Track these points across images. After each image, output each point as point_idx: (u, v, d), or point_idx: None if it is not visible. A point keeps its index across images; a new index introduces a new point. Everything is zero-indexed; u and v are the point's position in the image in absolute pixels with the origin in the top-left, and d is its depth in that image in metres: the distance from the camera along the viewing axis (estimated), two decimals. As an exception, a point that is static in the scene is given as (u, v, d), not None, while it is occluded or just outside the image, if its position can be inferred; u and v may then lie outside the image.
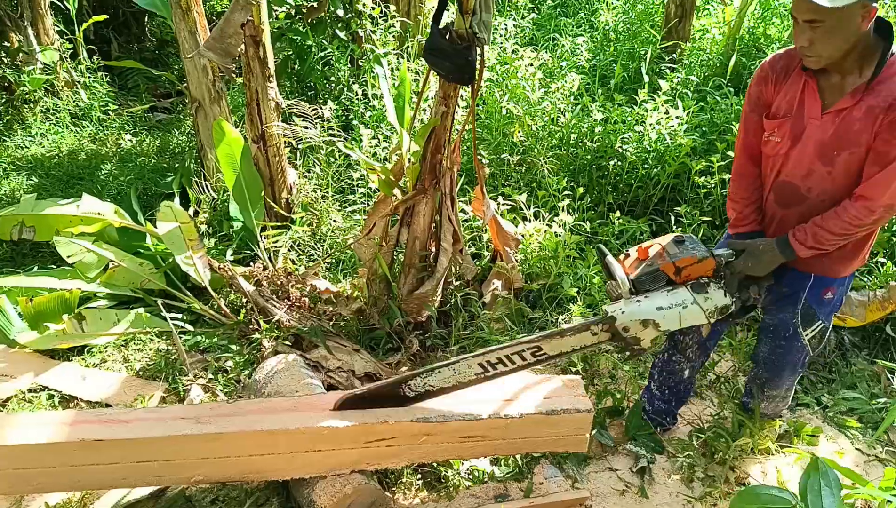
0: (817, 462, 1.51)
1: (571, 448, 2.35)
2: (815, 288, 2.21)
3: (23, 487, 2.13)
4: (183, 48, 3.91)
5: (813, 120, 1.98)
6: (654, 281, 2.05)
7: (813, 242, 2.01)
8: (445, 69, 2.52)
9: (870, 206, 1.91)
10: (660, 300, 2.03)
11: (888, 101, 1.83)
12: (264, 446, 2.09)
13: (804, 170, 2.03)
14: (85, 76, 5.78)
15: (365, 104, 4.63)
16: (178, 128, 5.71)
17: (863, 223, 1.94)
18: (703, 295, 2.02)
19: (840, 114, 1.92)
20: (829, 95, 1.95)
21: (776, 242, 2.08)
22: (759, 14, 5.50)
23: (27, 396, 2.78)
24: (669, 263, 2.02)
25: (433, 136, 2.75)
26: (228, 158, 3.61)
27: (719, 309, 2.04)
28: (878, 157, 1.88)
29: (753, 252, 2.09)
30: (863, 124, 1.88)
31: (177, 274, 3.35)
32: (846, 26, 1.76)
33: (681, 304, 2.02)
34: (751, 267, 2.09)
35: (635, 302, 2.04)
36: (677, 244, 2.06)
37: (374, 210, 3.14)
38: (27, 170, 4.77)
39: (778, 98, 2.05)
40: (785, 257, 2.07)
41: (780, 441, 2.71)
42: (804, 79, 1.98)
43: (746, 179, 2.24)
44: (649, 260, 2.05)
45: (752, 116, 2.16)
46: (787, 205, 2.13)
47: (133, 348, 3.10)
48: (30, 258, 3.73)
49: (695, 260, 2.02)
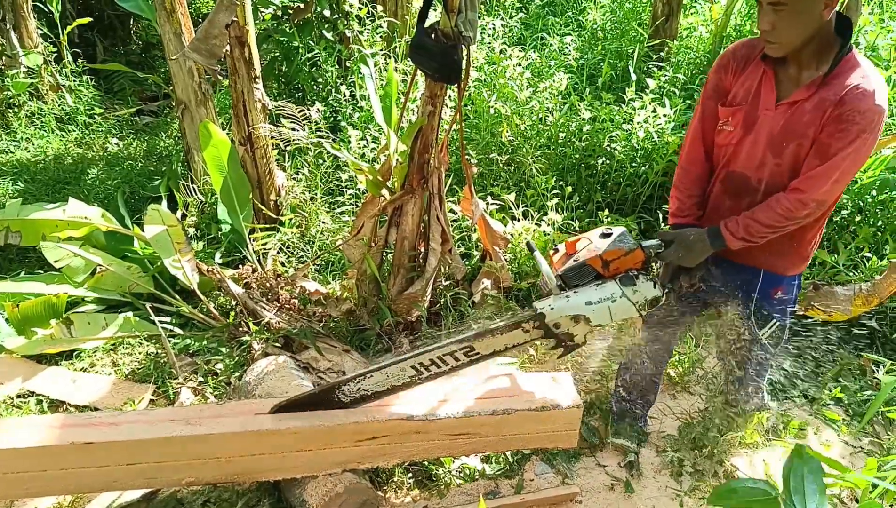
0: (801, 450, 1.53)
1: (561, 444, 2.36)
2: (764, 287, 2.19)
3: (14, 492, 2.11)
4: (168, 50, 3.89)
5: (766, 111, 1.97)
6: (582, 275, 2.02)
7: (744, 233, 1.99)
8: (431, 68, 2.53)
9: (803, 199, 1.89)
10: (589, 294, 2.00)
11: (839, 95, 1.82)
12: (255, 447, 2.09)
13: (756, 161, 2.02)
14: (70, 80, 5.73)
15: (353, 105, 4.63)
16: (165, 132, 5.68)
17: (794, 216, 1.92)
18: (631, 287, 1.99)
19: (793, 106, 1.92)
20: (785, 87, 1.95)
21: (707, 232, 2.06)
22: (745, 11, 5.55)
23: (15, 402, 2.76)
24: (596, 257, 1.99)
25: (420, 136, 2.76)
26: (216, 161, 3.59)
27: (649, 302, 2.01)
28: (820, 150, 1.87)
29: (684, 242, 2.07)
30: (812, 116, 1.87)
31: (165, 277, 3.34)
32: (808, 12, 1.77)
33: (609, 298, 1.99)
34: (681, 257, 2.07)
35: (564, 297, 2.01)
36: (605, 237, 2.03)
37: (363, 210, 3.14)
38: (12, 175, 4.73)
39: (736, 86, 2.04)
40: (715, 248, 2.05)
41: (768, 434, 2.74)
42: (763, 69, 1.98)
43: (694, 171, 2.21)
44: (576, 254, 2.03)
45: (708, 104, 2.13)
46: (737, 196, 2.10)
47: (122, 352, 3.08)
48: (16, 263, 3.70)
49: (622, 253, 1.99)
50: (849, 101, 1.80)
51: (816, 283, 3.29)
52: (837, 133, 1.82)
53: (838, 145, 1.82)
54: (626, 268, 2.01)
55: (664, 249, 2.08)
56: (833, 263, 3.47)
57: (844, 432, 2.83)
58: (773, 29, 1.82)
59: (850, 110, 1.79)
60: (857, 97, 1.79)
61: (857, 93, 1.80)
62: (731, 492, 1.38)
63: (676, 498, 2.46)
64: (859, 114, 1.79)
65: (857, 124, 1.79)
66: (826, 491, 1.41)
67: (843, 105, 1.81)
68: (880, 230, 3.62)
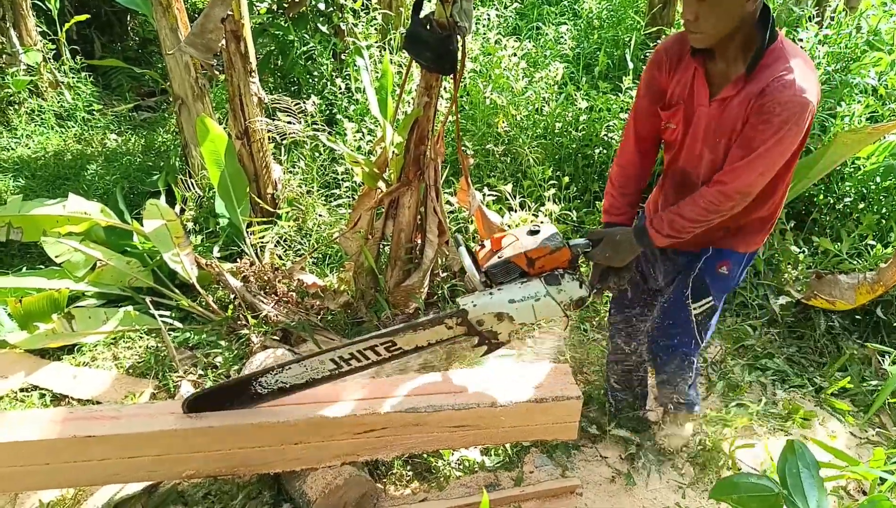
0: (793, 445, 1.52)
1: (561, 435, 2.37)
2: (711, 259, 2.17)
3: (16, 485, 2.13)
4: (164, 45, 3.89)
5: (701, 107, 1.96)
6: (507, 272, 1.99)
7: (669, 229, 1.97)
8: (426, 59, 2.52)
9: (725, 191, 1.88)
10: (512, 292, 1.97)
11: (761, 87, 1.80)
12: (254, 439, 2.11)
13: (695, 157, 2.02)
14: (69, 76, 5.73)
15: (348, 98, 4.62)
16: (163, 127, 5.68)
17: (718, 209, 1.90)
18: (556, 287, 1.96)
19: (724, 102, 1.90)
20: (717, 83, 1.94)
21: (633, 231, 2.04)
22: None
23: (19, 396, 2.78)
24: (521, 254, 1.96)
25: (416, 128, 2.75)
26: (213, 155, 3.59)
27: (575, 302, 1.99)
28: (743, 142, 1.85)
29: (611, 241, 2.04)
30: (738, 110, 1.86)
31: (164, 271, 3.35)
32: (731, 3, 1.75)
33: (533, 297, 1.96)
34: (608, 257, 2.05)
35: (488, 294, 1.98)
36: (531, 234, 1.99)
37: (359, 203, 3.14)
38: (13, 171, 4.74)
39: (672, 84, 2.02)
40: (642, 246, 2.04)
41: (774, 424, 2.74)
42: (694, 66, 1.96)
43: (628, 170, 2.19)
44: (501, 251, 1.99)
45: (642, 102, 2.10)
46: (683, 192, 2.09)
47: (122, 346, 3.10)
48: (18, 259, 3.71)
49: (547, 251, 1.95)
50: (769, 92, 1.78)
51: (819, 272, 3.28)
52: (760, 124, 1.80)
53: (761, 137, 1.80)
54: (553, 267, 1.98)
55: (592, 248, 2.06)
56: (836, 251, 3.45)
57: (851, 422, 2.82)
58: (696, 20, 1.80)
59: (770, 101, 1.78)
60: (778, 88, 1.77)
61: (777, 84, 1.77)
62: (733, 486, 1.38)
63: (679, 490, 2.46)
64: (780, 106, 1.76)
65: (778, 116, 1.77)
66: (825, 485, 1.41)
67: (763, 96, 1.79)
68: (884, 218, 3.59)
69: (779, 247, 3.56)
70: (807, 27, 4.24)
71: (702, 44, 1.86)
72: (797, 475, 1.48)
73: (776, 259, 3.57)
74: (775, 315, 3.34)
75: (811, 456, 1.54)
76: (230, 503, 2.29)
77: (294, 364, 2.05)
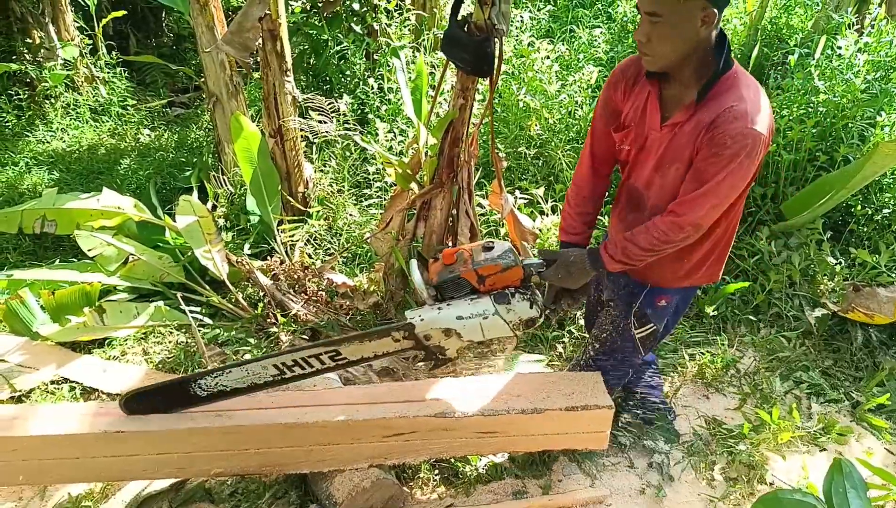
0: (840, 464, 1.48)
1: (591, 445, 2.33)
2: (650, 295, 2.15)
3: (46, 478, 2.16)
4: (201, 43, 3.92)
5: (653, 131, 1.91)
6: (457, 288, 1.94)
7: (622, 256, 1.93)
8: (464, 61, 2.50)
9: (679, 222, 1.83)
10: (461, 309, 1.93)
11: (712, 117, 1.74)
12: (282, 439, 2.10)
13: (644, 179, 1.98)
14: (104, 71, 5.82)
15: (380, 98, 4.62)
16: (196, 123, 5.74)
17: (670, 239, 1.86)
18: (505, 306, 1.92)
19: (674, 127, 1.85)
20: (669, 108, 1.89)
21: (587, 254, 2.01)
22: (781, 3, 5.41)
23: (49, 388, 2.81)
24: (471, 271, 1.92)
25: (451, 130, 2.73)
26: (246, 153, 3.61)
27: (524, 322, 1.95)
28: (695, 174, 1.80)
29: (564, 262, 2.01)
30: (688, 138, 1.81)
31: (195, 267, 3.37)
32: (684, 26, 1.69)
33: (481, 314, 1.92)
34: (561, 278, 2.01)
35: (436, 309, 1.94)
36: (485, 250, 1.95)
37: (391, 204, 3.13)
38: (48, 164, 4.83)
39: (626, 106, 1.98)
40: (595, 269, 2.00)
41: (808, 438, 2.68)
42: (648, 89, 1.91)
43: (584, 190, 2.16)
44: (453, 265, 1.95)
45: (598, 123, 2.07)
46: (635, 209, 2.06)
47: (153, 341, 3.12)
48: (51, 251, 3.77)
49: (498, 269, 1.91)
50: (720, 124, 1.73)
51: (857, 285, 3.20)
52: (711, 157, 1.75)
53: (712, 170, 1.75)
54: (504, 285, 1.94)
55: (546, 269, 2.01)
56: (874, 264, 3.37)
57: (888, 440, 2.74)
58: (649, 41, 1.75)
59: (721, 133, 1.72)
60: (729, 120, 1.71)
61: (728, 116, 1.72)
62: (778, 503, 1.33)
63: (710, 504, 2.41)
64: (730, 138, 1.71)
65: (728, 148, 1.71)
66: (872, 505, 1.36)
67: (714, 128, 1.74)
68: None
69: (815, 258, 3.47)
70: (846, 35, 4.14)
71: (653, 66, 1.82)
72: (844, 494, 1.44)
73: (812, 270, 3.49)
74: (811, 327, 3.26)
75: (859, 476, 1.50)
76: (256, 501, 2.29)
77: (235, 367, 2.02)
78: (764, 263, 3.52)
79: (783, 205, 3.69)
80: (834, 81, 3.88)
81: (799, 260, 3.44)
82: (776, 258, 3.50)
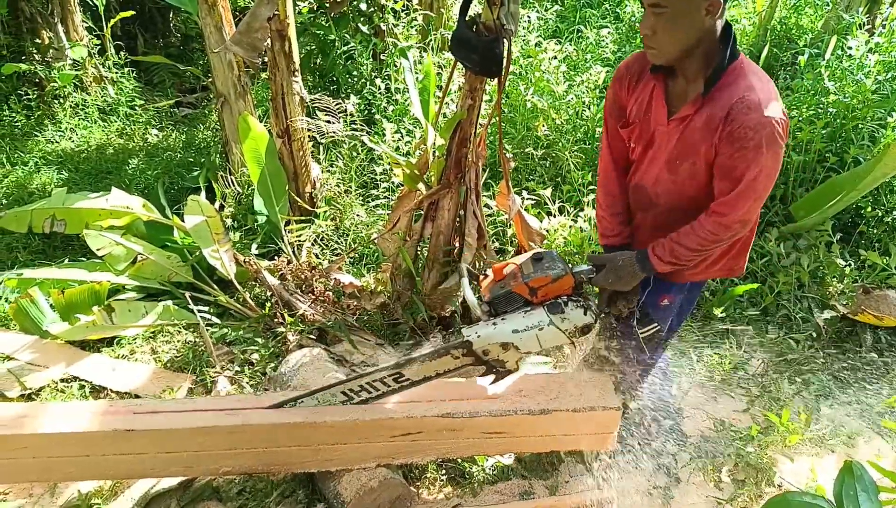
0: (851, 466, 1.46)
1: (598, 446, 2.32)
2: (652, 294, 2.13)
3: (56, 475, 2.17)
4: (209, 43, 3.93)
5: (660, 126, 1.89)
6: (509, 302, 1.95)
7: (670, 257, 1.91)
8: (472, 61, 2.49)
9: (724, 222, 1.82)
10: (516, 322, 1.93)
11: (725, 110, 1.72)
12: (290, 438, 2.11)
13: (653, 176, 1.96)
14: (112, 71, 5.85)
15: (387, 98, 4.63)
16: (204, 123, 5.76)
17: (719, 239, 1.85)
18: (559, 315, 1.91)
19: (683, 122, 1.83)
20: (675, 102, 1.86)
21: (636, 257, 1.97)
22: (791, 4, 5.38)
23: (59, 386, 2.83)
24: (522, 284, 1.92)
25: (459, 130, 2.73)
26: (253, 153, 3.62)
27: (580, 329, 1.93)
28: (726, 173, 1.78)
29: (613, 267, 1.99)
30: (702, 134, 1.78)
31: (203, 267, 3.38)
32: (689, 17, 1.68)
33: (537, 326, 1.92)
34: (611, 282, 1.99)
35: (491, 324, 1.94)
36: (535, 262, 1.95)
37: (399, 204, 3.13)
38: (57, 164, 4.85)
39: (631, 102, 1.96)
40: (645, 272, 1.97)
41: (817, 441, 2.66)
42: (653, 83, 1.89)
43: (608, 187, 2.13)
44: (504, 280, 1.95)
45: (609, 120, 2.06)
46: (641, 208, 2.05)
47: (161, 340, 3.14)
48: (61, 250, 3.78)
49: (549, 280, 1.91)
50: (736, 118, 1.70)
51: (867, 287, 3.18)
52: (736, 154, 1.73)
53: (742, 167, 1.73)
54: (556, 295, 1.94)
55: (595, 274, 2.01)
56: (884, 266, 3.35)
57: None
58: (654, 34, 1.73)
59: (739, 127, 1.70)
60: (743, 111, 1.69)
61: (742, 107, 1.70)
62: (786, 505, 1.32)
63: (718, 506, 2.40)
64: (751, 130, 1.69)
65: (751, 140, 1.69)
66: None
67: (731, 122, 1.71)
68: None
69: (824, 260, 3.46)
70: (857, 35, 4.12)
71: (659, 60, 1.80)
72: (854, 497, 1.43)
73: (821, 272, 3.47)
74: (819, 329, 3.24)
75: (870, 479, 1.48)
76: (264, 500, 2.29)
77: (307, 397, 2.09)
78: (773, 265, 3.50)
79: (792, 206, 3.67)
80: (844, 82, 3.86)
81: (808, 262, 3.42)
82: (785, 260, 3.49)
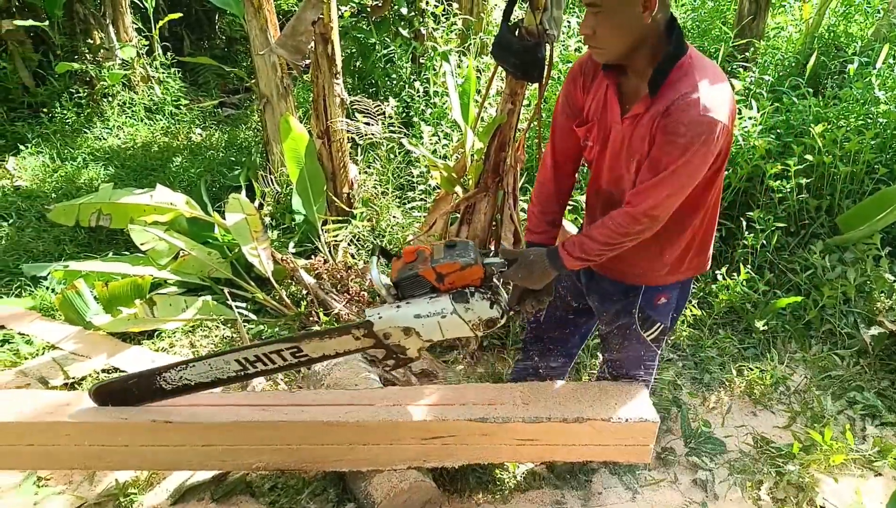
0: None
1: (633, 458, 2.28)
2: (647, 296, 2.06)
3: (95, 463, 2.22)
4: (254, 45, 4.00)
5: (615, 124, 1.84)
6: (415, 286, 1.90)
7: (579, 252, 1.86)
8: (514, 66, 2.49)
9: (633, 213, 1.76)
10: (420, 307, 1.89)
11: (666, 105, 1.68)
12: (323, 437, 2.12)
13: (614, 177, 1.90)
14: (159, 72, 6.00)
15: (426, 101, 4.64)
16: (245, 124, 5.87)
17: (627, 232, 1.79)
18: (464, 305, 1.87)
19: (635, 119, 1.78)
20: (628, 99, 1.82)
21: (546, 253, 1.93)
22: (840, 11, 5.24)
23: (100, 377, 2.90)
24: (430, 269, 1.87)
25: (498, 134, 2.73)
26: (293, 153, 3.67)
27: (484, 322, 1.90)
28: (651, 163, 1.73)
29: (524, 262, 1.94)
30: (646, 129, 1.74)
31: (242, 264, 3.44)
32: (625, 14, 1.63)
33: (440, 313, 1.88)
34: (521, 278, 1.93)
35: (395, 307, 1.91)
36: (447, 249, 1.90)
37: (436, 207, 3.14)
38: (104, 160, 4.99)
39: (587, 100, 1.92)
40: (556, 269, 1.92)
41: (862, 462, 2.57)
42: (606, 82, 1.85)
43: (545, 187, 2.09)
44: (412, 263, 1.91)
45: (559, 118, 2.00)
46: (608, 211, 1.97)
47: (199, 334, 3.19)
48: (105, 244, 3.89)
49: (457, 267, 1.86)
50: (673, 113, 1.66)
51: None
52: (665, 146, 1.68)
53: (667, 160, 1.68)
54: (464, 284, 1.89)
55: (507, 268, 1.95)
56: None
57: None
58: (594, 33, 1.69)
59: (674, 122, 1.66)
60: (681, 108, 1.65)
61: (681, 104, 1.65)
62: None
63: (754, 523, 2.34)
64: (683, 126, 1.64)
65: (682, 137, 1.64)
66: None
67: (667, 116, 1.67)
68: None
69: (871, 275, 3.34)
70: (913, 42, 3.99)
71: (603, 58, 1.77)
72: (907, 524, 1.37)
73: (868, 286, 3.36)
74: (866, 345, 3.13)
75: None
76: (296, 497, 2.31)
77: (198, 361, 2.04)
78: (817, 278, 3.40)
79: (839, 218, 3.56)
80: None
81: (855, 276, 3.31)
82: (830, 273, 3.39)
